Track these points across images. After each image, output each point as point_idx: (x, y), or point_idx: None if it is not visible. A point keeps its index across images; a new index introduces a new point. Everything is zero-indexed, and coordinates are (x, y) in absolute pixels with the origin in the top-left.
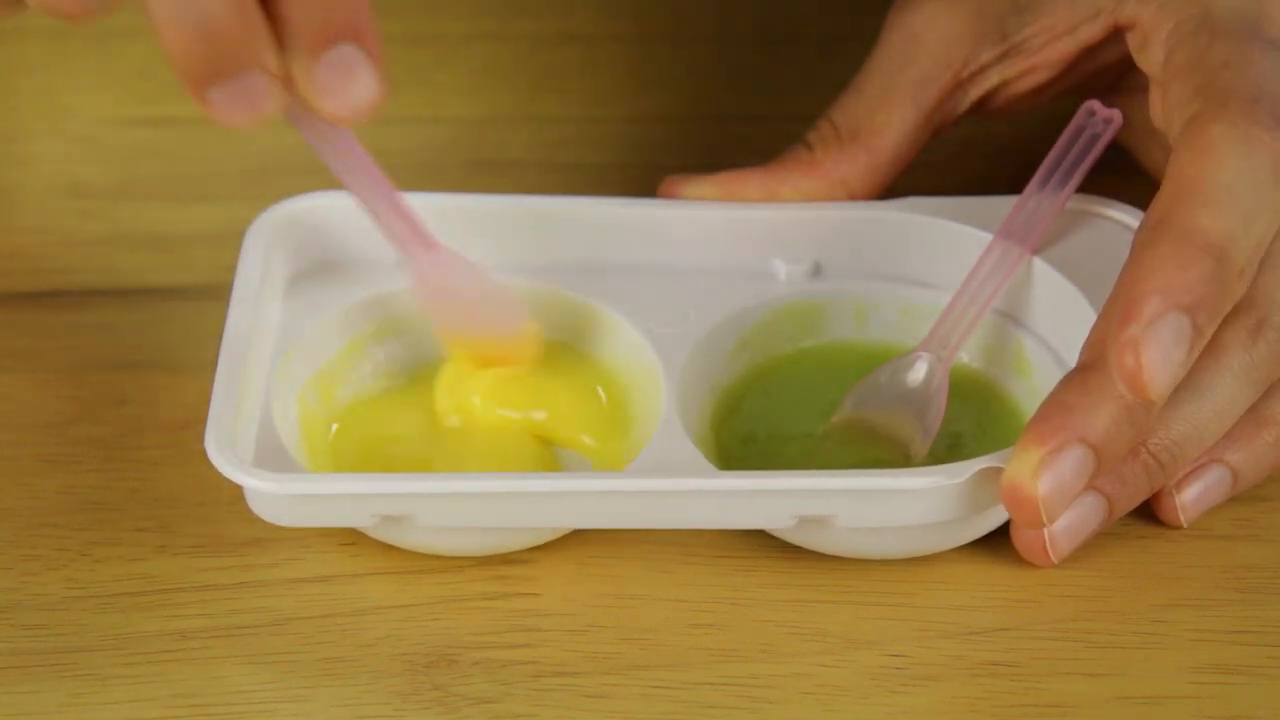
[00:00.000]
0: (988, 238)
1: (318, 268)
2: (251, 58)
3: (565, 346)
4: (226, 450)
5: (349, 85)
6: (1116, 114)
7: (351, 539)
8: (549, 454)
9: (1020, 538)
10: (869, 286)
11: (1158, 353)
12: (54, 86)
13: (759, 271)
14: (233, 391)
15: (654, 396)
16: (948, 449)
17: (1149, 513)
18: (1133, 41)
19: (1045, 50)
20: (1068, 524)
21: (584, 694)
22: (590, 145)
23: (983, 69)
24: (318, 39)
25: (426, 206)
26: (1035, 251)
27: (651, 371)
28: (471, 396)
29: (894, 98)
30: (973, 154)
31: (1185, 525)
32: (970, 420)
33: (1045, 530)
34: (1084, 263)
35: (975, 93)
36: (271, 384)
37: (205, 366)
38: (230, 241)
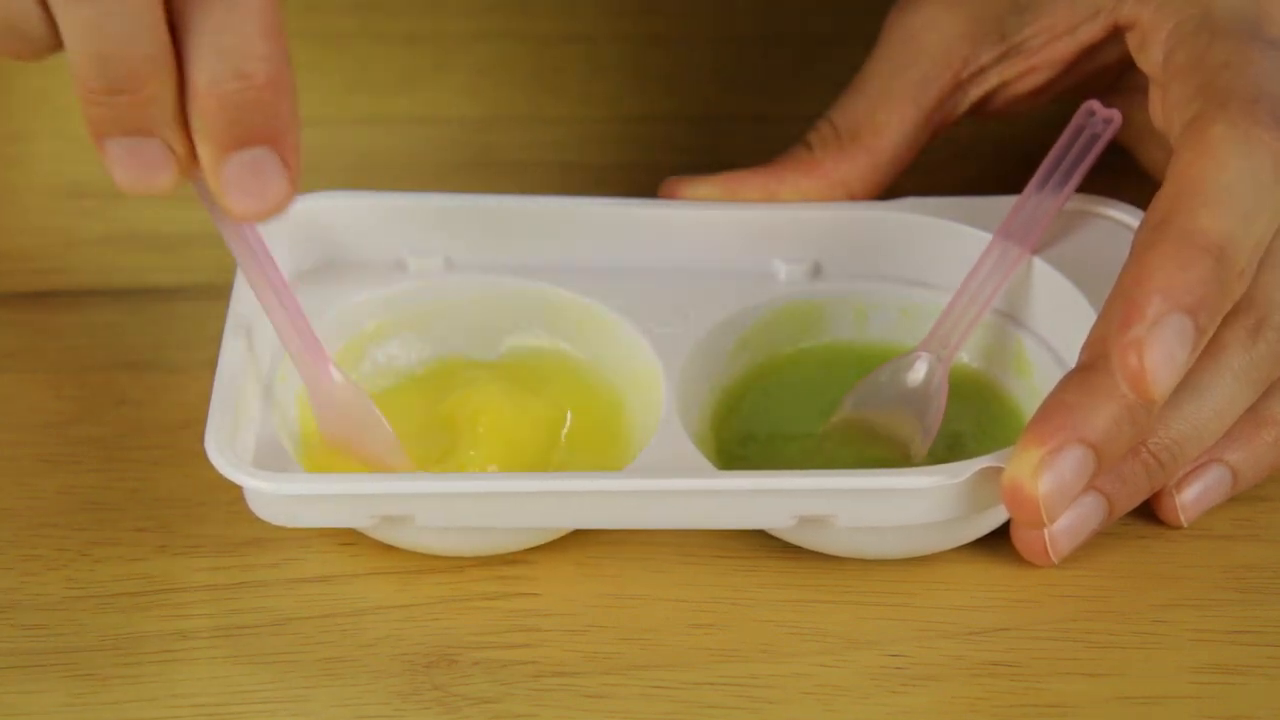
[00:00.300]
0: (988, 238)
1: (318, 268)
2: (154, 127)
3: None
4: (226, 450)
5: (255, 187)
6: (1116, 114)
7: (351, 539)
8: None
9: (1020, 537)
10: (869, 286)
11: (1160, 353)
12: (54, 86)
13: (759, 271)
14: (233, 391)
15: (654, 396)
16: (948, 449)
17: (1149, 513)
18: (1132, 41)
19: (1045, 50)
20: (1068, 524)
21: (584, 694)
22: (590, 145)
23: (982, 69)
24: (229, 139)
25: (427, 206)
26: (1035, 251)
27: (651, 371)
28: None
29: (894, 98)
30: (973, 154)
31: (1185, 525)
32: (970, 420)
33: (1045, 530)
34: (1084, 263)
35: (975, 93)
36: (271, 384)
37: (205, 366)
38: None
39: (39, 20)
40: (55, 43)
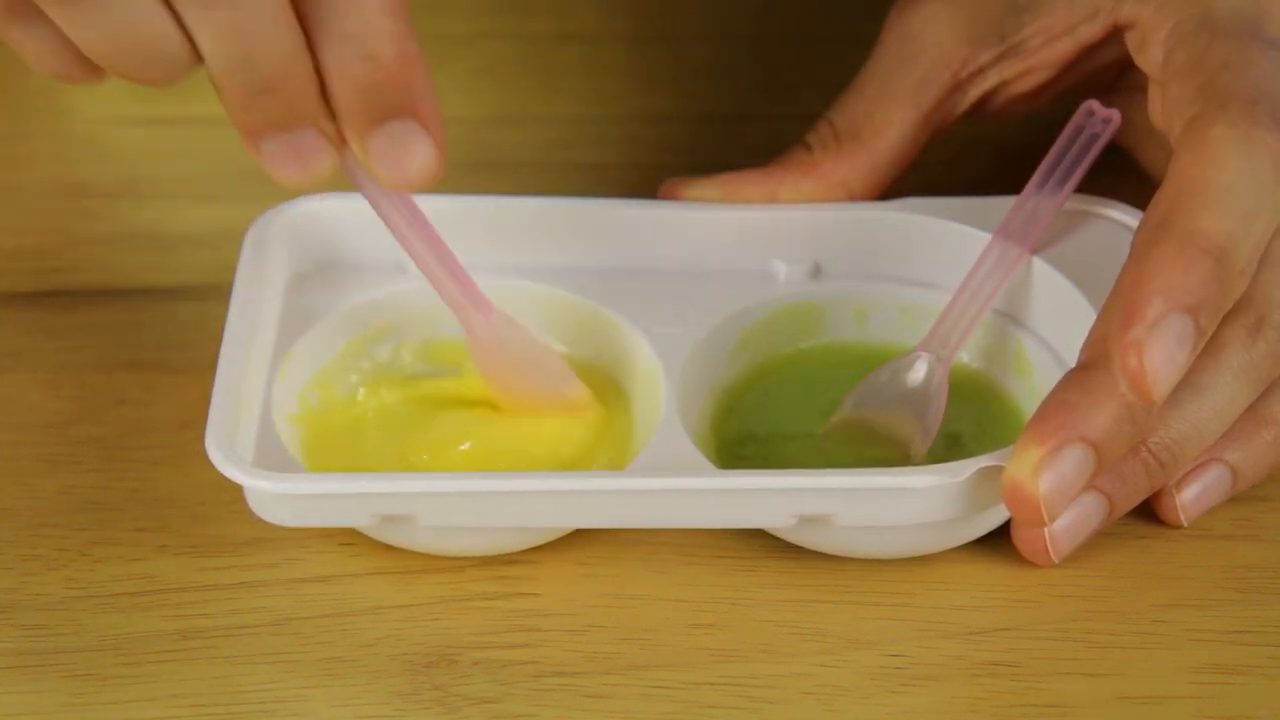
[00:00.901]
0: (988, 238)
1: (318, 268)
2: (306, 118)
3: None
4: (226, 450)
5: (403, 157)
6: (1115, 114)
7: (351, 539)
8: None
9: (1021, 537)
10: (869, 286)
11: (1161, 354)
12: (54, 86)
13: (759, 272)
14: (233, 391)
15: (654, 397)
16: (947, 449)
17: (1149, 513)
18: (1131, 41)
19: (1044, 51)
20: (1068, 523)
21: (584, 694)
22: (590, 145)
23: (981, 70)
24: (369, 118)
25: (426, 207)
26: (1034, 251)
27: (651, 372)
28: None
29: (893, 99)
30: (973, 154)
31: (1185, 525)
32: (970, 420)
33: (1046, 529)
34: (1083, 262)
35: (974, 93)
36: (271, 384)
37: (205, 366)
38: (230, 241)
39: (175, 37)
40: (192, 59)
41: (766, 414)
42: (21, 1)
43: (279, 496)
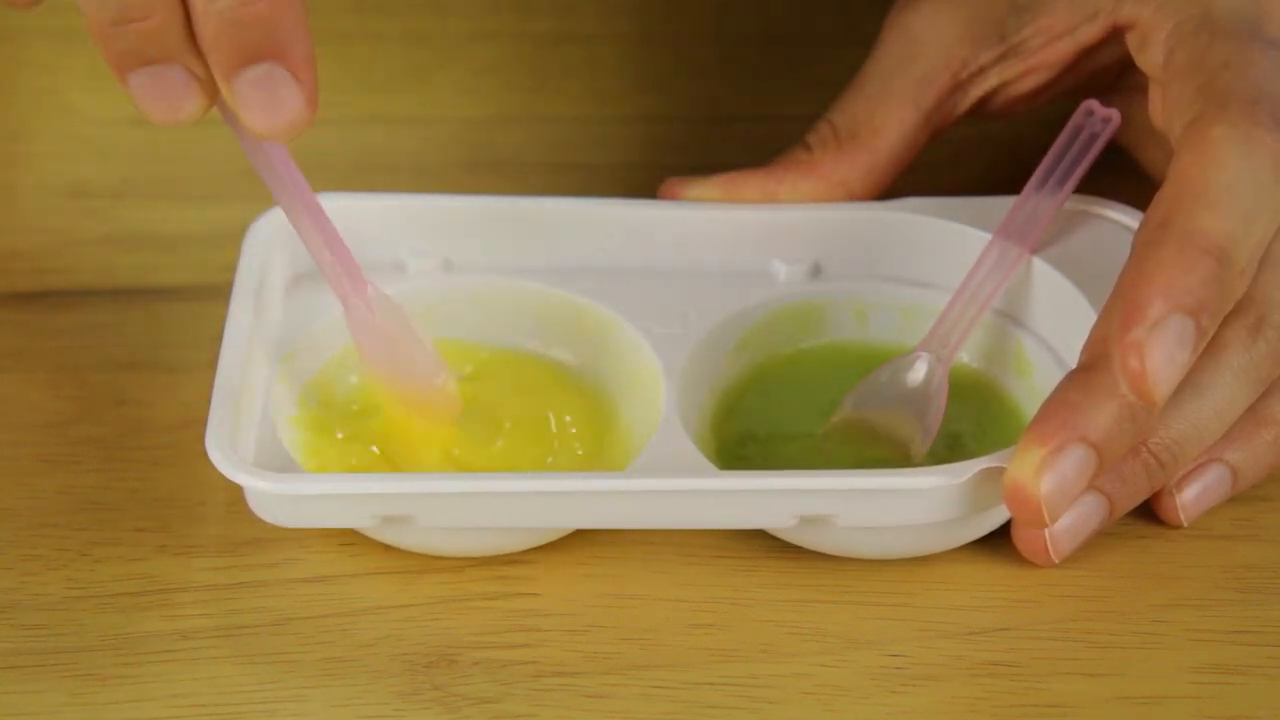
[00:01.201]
0: (988, 238)
1: (318, 268)
2: (172, 54)
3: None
4: (226, 450)
5: (270, 103)
6: (1115, 113)
7: (351, 539)
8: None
9: (1021, 537)
10: (869, 286)
11: (1162, 355)
12: (54, 86)
13: (759, 272)
14: (233, 391)
15: (654, 397)
16: (948, 449)
17: (1149, 513)
18: (1132, 42)
19: (1044, 51)
20: (1069, 523)
21: (584, 694)
22: (590, 145)
23: (982, 70)
24: (234, 57)
25: (427, 206)
26: (1034, 251)
27: (651, 372)
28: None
29: (893, 99)
30: (973, 154)
31: (1185, 525)
32: (970, 420)
33: (1046, 530)
34: (1084, 263)
35: (974, 94)
36: (271, 384)
37: (205, 366)
38: (230, 241)
39: None
40: None
41: (766, 414)
42: None
43: (279, 497)
